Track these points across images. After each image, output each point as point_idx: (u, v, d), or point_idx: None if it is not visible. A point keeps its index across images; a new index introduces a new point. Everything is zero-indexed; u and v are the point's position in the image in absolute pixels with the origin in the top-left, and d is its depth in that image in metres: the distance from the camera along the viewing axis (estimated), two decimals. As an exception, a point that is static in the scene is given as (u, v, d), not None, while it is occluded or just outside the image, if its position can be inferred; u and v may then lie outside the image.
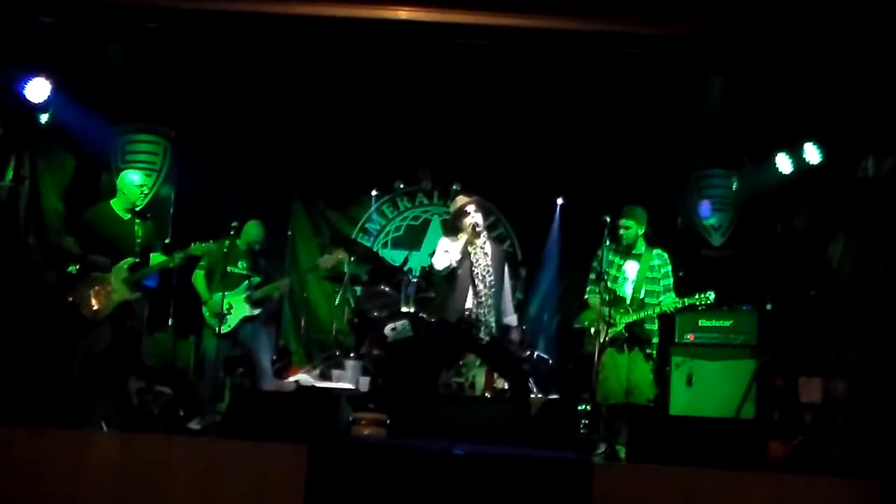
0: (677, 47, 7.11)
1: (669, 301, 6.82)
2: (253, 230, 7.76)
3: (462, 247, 6.81)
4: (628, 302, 6.84)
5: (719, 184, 9.38)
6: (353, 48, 7.88)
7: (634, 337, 6.81)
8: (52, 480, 4.93)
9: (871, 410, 6.39)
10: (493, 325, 6.76)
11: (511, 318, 7.11)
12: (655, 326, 6.94)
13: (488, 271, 6.80)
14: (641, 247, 7.01)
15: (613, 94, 8.73)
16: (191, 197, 9.34)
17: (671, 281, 6.98)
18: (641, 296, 6.87)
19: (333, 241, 9.16)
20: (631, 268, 6.94)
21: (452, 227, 7.10)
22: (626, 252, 6.94)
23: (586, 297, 7.08)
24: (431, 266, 7.05)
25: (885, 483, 4.78)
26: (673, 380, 7.65)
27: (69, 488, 4.92)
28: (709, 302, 6.69)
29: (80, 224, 7.19)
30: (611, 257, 6.91)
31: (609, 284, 6.80)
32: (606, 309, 6.62)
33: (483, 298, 6.72)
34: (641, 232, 6.99)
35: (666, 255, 7.07)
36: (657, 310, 6.81)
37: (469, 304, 6.74)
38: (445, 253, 6.83)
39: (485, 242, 6.96)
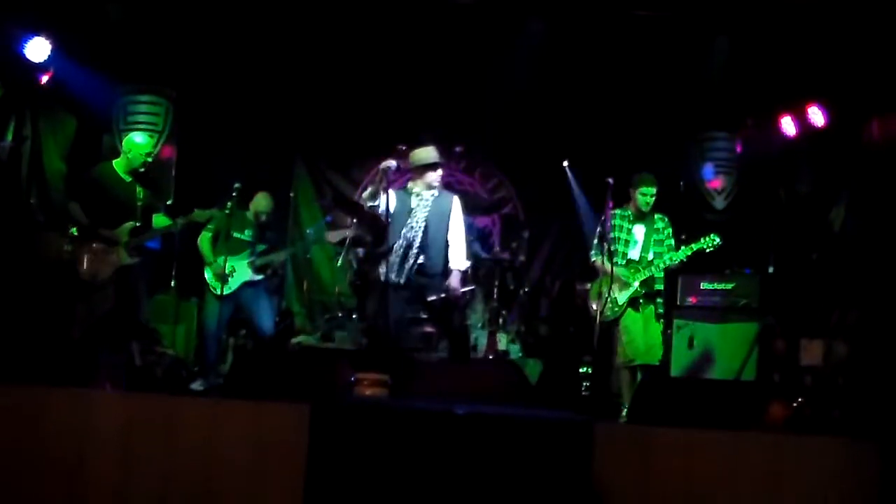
0: (681, 6, 7.05)
1: (676, 253, 6.80)
2: (262, 201, 7.74)
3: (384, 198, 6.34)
4: (637, 261, 6.85)
5: (723, 147, 9.35)
6: (356, 9, 7.84)
7: (649, 293, 6.82)
8: (55, 439, 4.95)
9: (870, 372, 6.42)
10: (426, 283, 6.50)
11: (457, 262, 6.59)
12: (662, 286, 6.93)
13: (422, 230, 6.46)
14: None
15: (617, 56, 8.68)
16: (193, 158, 9.32)
17: (673, 242, 6.98)
18: (650, 257, 6.87)
19: (336, 203, 9.15)
20: (639, 231, 6.93)
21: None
22: (638, 216, 6.91)
23: (592, 260, 6.98)
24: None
25: (879, 443, 4.81)
26: (675, 342, 7.69)
27: (71, 447, 4.94)
28: (716, 243, 6.66)
29: (83, 184, 7.16)
30: (619, 221, 6.88)
31: (619, 248, 6.78)
32: (619, 270, 6.62)
33: (411, 261, 6.45)
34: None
35: (667, 219, 7.07)
36: (668, 262, 6.78)
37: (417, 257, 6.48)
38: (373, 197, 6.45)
39: (419, 203, 6.54)
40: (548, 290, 9.98)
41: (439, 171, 6.62)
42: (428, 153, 6.60)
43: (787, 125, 8.33)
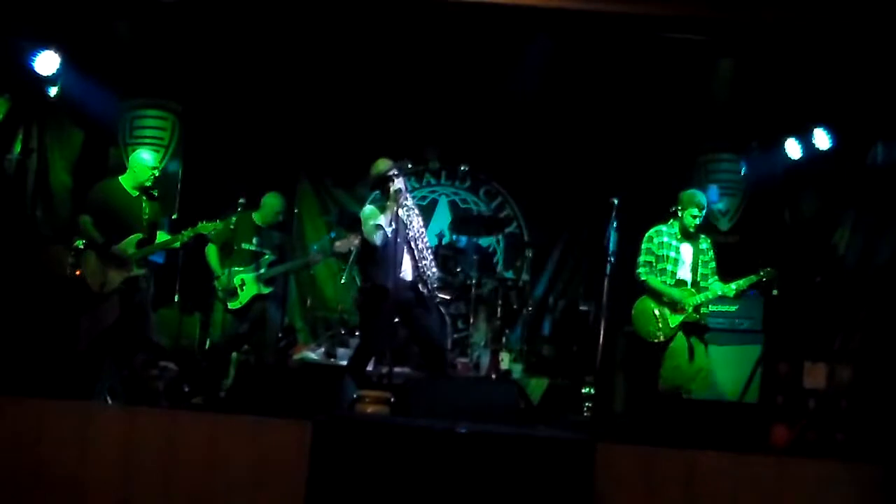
0: (687, 29, 7.06)
1: (732, 284, 6.69)
2: (274, 201, 7.76)
3: (392, 215, 6.51)
4: (689, 285, 6.68)
5: (727, 168, 9.34)
6: (364, 24, 7.87)
7: (700, 319, 6.67)
8: (55, 451, 4.95)
9: (874, 395, 6.40)
10: (434, 280, 6.69)
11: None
12: (707, 310, 6.82)
13: (421, 232, 6.66)
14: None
15: (623, 76, 8.69)
16: (198, 173, 9.34)
17: (715, 265, 6.85)
18: (698, 279, 6.71)
19: (341, 221, 9.16)
20: (686, 250, 6.77)
21: (378, 196, 6.82)
22: (685, 235, 6.80)
23: (643, 278, 6.71)
24: (364, 242, 6.76)
25: (885, 467, 4.79)
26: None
27: (72, 459, 4.94)
28: (772, 276, 6.58)
29: (90, 199, 7.16)
30: (667, 239, 6.75)
31: (668, 267, 6.66)
32: (674, 291, 6.50)
33: (419, 260, 6.57)
34: None
35: (710, 240, 6.97)
36: (723, 291, 6.67)
37: (408, 268, 6.57)
38: (378, 226, 6.52)
39: (414, 204, 6.78)
40: (551, 310, 9.97)
41: (400, 180, 6.62)
42: (386, 164, 6.67)
43: (792, 147, 8.32)
